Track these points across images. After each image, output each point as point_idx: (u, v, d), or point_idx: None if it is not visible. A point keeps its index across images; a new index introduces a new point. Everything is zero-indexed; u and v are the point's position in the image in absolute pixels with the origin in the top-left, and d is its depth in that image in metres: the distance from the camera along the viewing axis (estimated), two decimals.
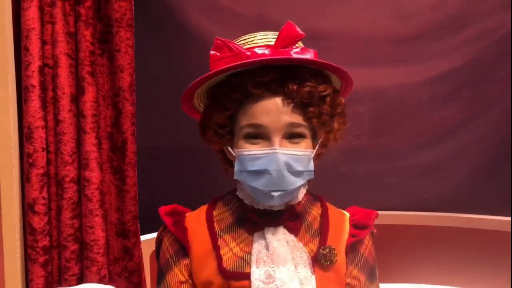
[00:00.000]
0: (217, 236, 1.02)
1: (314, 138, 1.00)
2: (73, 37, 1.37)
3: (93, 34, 1.38)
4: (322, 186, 1.20)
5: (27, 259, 1.36)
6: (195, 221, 1.05)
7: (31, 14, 1.30)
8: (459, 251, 1.77)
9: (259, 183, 0.93)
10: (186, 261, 1.02)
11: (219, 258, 0.98)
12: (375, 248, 1.09)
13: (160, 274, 1.04)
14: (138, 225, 1.45)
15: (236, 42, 1.00)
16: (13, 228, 1.35)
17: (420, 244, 1.81)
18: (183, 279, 1.02)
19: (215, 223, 1.04)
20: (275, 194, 0.93)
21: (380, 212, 1.76)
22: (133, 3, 1.38)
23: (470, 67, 1.76)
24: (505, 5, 1.71)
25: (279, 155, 0.91)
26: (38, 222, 1.34)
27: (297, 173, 0.94)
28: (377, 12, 1.72)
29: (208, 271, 0.98)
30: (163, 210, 1.07)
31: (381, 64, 1.77)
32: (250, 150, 0.94)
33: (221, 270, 0.97)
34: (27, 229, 1.35)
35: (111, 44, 1.39)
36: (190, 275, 1.02)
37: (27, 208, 1.34)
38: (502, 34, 1.74)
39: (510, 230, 1.67)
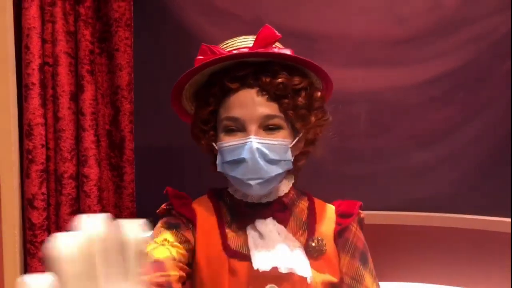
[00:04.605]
0: (222, 218, 1.06)
1: (293, 130, 1.02)
2: (73, 36, 1.40)
3: (93, 34, 1.40)
4: (318, 186, 1.21)
5: (26, 254, 1.38)
6: (202, 204, 1.09)
7: (32, 13, 1.33)
8: (458, 252, 1.77)
9: (237, 172, 0.97)
10: (186, 233, 1.03)
11: (224, 235, 1.02)
12: (370, 245, 1.12)
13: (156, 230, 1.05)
14: None
15: (220, 46, 1.05)
16: (13, 223, 1.37)
17: (417, 244, 1.81)
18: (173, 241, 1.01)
19: (220, 209, 1.08)
20: (253, 182, 0.96)
21: (377, 212, 1.79)
22: (132, 3, 1.41)
23: (466, 69, 1.77)
24: (500, 8, 1.73)
25: (253, 144, 0.95)
26: (37, 217, 1.37)
27: (273, 162, 0.97)
28: (373, 14, 1.74)
29: (211, 247, 1.01)
30: (171, 191, 1.09)
31: (377, 66, 1.78)
32: (228, 142, 0.98)
33: (225, 246, 1.00)
34: (26, 224, 1.38)
35: (110, 43, 1.42)
36: (184, 243, 1.02)
37: (26, 203, 1.37)
38: (498, 36, 1.75)
39: (510, 231, 1.67)
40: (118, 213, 1.47)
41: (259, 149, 0.95)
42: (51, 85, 1.39)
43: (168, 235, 1.02)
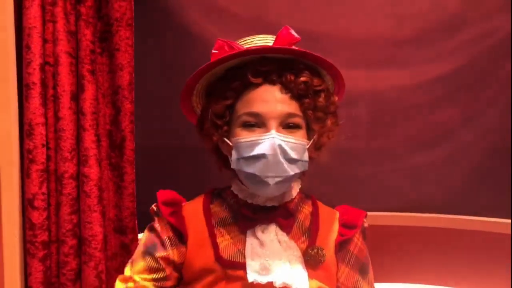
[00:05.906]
0: (214, 226, 1.04)
1: (308, 130, 1.02)
2: (73, 36, 1.39)
3: (94, 33, 1.40)
4: (321, 187, 1.21)
5: (26, 254, 1.38)
6: (192, 211, 1.07)
7: (33, 12, 1.32)
8: (458, 253, 1.77)
9: (255, 169, 0.94)
10: (165, 252, 1.04)
11: (215, 246, 1.00)
12: (371, 246, 1.11)
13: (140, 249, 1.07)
14: (136, 222, 1.47)
15: (237, 42, 1.04)
16: (13, 223, 1.37)
17: (417, 245, 1.82)
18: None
19: (211, 215, 1.06)
20: (271, 180, 0.94)
21: (378, 213, 1.79)
22: (133, 2, 1.40)
23: (467, 69, 1.78)
24: (502, 8, 1.73)
25: (276, 140, 0.93)
26: (38, 217, 1.36)
27: (292, 161, 0.95)
28: (375, 14, 1.74)
29: (204, 259, 1.00)
30: (160, 196, 1.08)
31: (379, 66, 1.78)
32: (247, 137, 0.96)
33: (218, 257, 0.99)
34: (26, 224, 1.37)
35: (111, 43, 1.42)
36: (170, 264, 1.04)
37: (26, 203, 1.36)
38: (499, 36, 1.75)
39: (510, 233, 1.68)
40: (118, 213, 1.47)
41: (280, 145, 0.93)
42: (52, 84, 1.39)
43: (141, 265, 1.04)
